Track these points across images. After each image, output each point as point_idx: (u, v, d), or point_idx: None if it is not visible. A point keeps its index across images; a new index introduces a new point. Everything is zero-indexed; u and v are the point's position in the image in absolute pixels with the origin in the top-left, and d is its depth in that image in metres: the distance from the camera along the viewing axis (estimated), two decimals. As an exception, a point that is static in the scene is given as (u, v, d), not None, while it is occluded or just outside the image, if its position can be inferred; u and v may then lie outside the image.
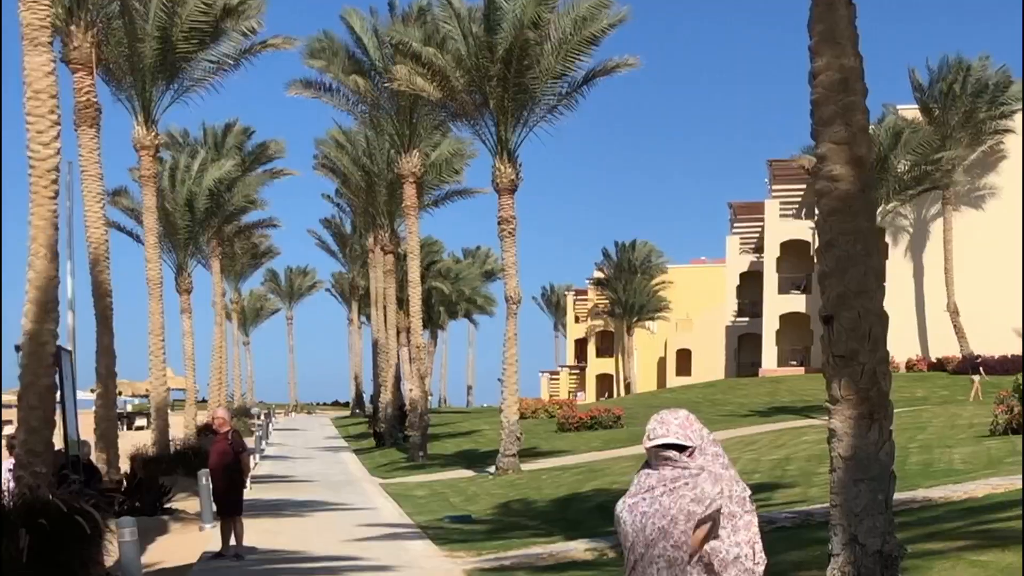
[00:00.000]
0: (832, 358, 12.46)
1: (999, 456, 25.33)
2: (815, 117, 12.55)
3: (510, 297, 37.74)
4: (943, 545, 14.68)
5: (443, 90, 37.87)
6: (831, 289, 12.55)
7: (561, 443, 44.83)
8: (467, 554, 19.43)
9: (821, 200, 12.61)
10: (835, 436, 12.23)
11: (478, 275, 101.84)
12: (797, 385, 61.80)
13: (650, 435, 5.25)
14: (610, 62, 37.85)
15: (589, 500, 26.59)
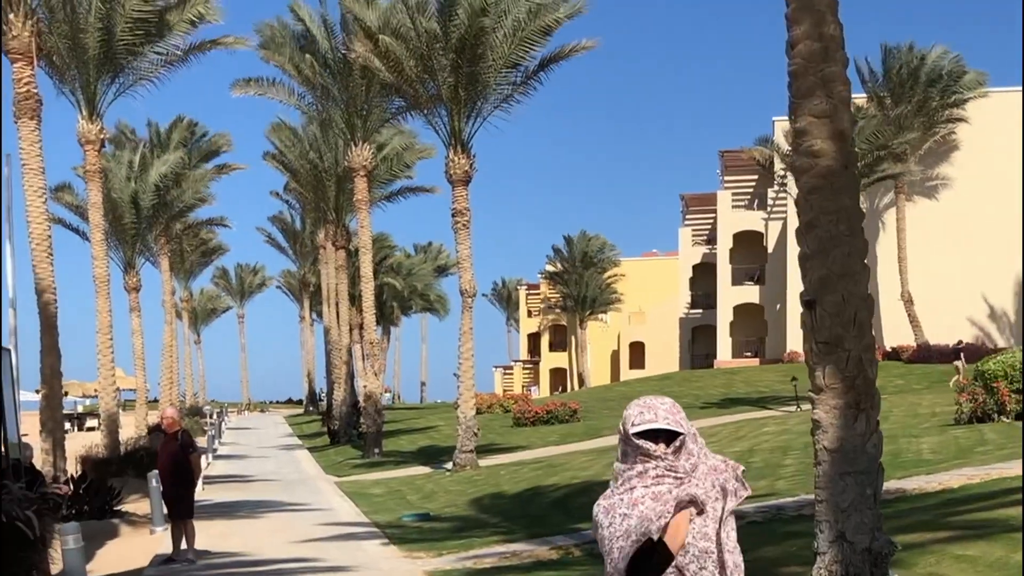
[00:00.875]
0: (815, 345, 11.87)
1: (968, 445, 24.96)
2: (793, 89, 11.96)
3: (465, 290, 37.05)
4: (924, 537, 14.15)
5: (397, 76, 37.14)
6: (813, 272, 11.97)
7: (517, 438, 44.24)
8: (427, 554, 18.76)
9: (802, 177, 12.03)
10: (819, 427, 11.66)
11: (430, 271, 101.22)
12: (752, 376, 61.57)
13: (633, 421, 4.57)
14: (565, 47, 37.19)
15: (551, 496, 25.99)
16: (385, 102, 45.22)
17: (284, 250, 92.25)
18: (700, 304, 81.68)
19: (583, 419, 48.48)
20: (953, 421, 30.16)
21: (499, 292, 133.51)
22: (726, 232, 75.06)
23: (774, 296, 71.40)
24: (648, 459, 4.54)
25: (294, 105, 48.74)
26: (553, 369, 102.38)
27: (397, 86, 38.27)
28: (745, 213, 76.13)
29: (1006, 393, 29.56)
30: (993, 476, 19.17)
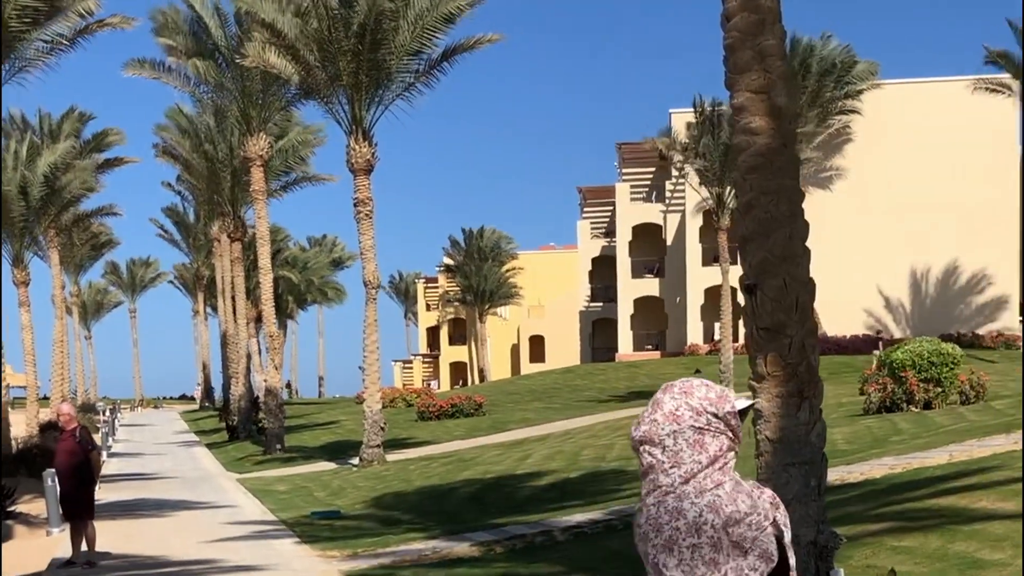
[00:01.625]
0: (756, 331, 11.43)
1: (882, 435, 24.88)
2: (729, 64, 11.51)
3: (369, 281, 36.32)
4: (856, 530, 13.81)
5: (296, 65, 36.22)
6: (753, 255, 11.52)
7: (423, 432, 43.62)
8: (341, 553, 18.11)
9: (740, 156, 11.61)
10: (761, 417, 11.22)
11: (326, 264, 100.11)
12: (655, 369, 61.51)
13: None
14: (469, 39, 36.63)
15: (465, 491, 25.44)
16: (282, 90, 44.25)
17: (177, 243, 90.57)
18: (600, 297, 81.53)
19: (488, 413, 47.99)
20: (862, 411, 30.16)
21: (397, 285, 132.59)
22: (625, 225, 74.94)
23: (674, 289, 71.51)
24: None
25: (189, 93, 47.63)
26: (453, 363, 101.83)
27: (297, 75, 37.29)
28: (644, 206, 76.08)
29: (915, 383, 29.62)
30: (915, 466, 18.98)
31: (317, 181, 58.03)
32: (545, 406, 49.76)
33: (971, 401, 29.71)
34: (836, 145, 67.00)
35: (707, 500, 3.46)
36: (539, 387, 59.48)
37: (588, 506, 20.44)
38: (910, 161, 64.56)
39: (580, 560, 14.97)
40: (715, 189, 47.57)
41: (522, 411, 48.39)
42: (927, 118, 64.63)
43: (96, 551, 17.51)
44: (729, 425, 3.56)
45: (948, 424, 25.18)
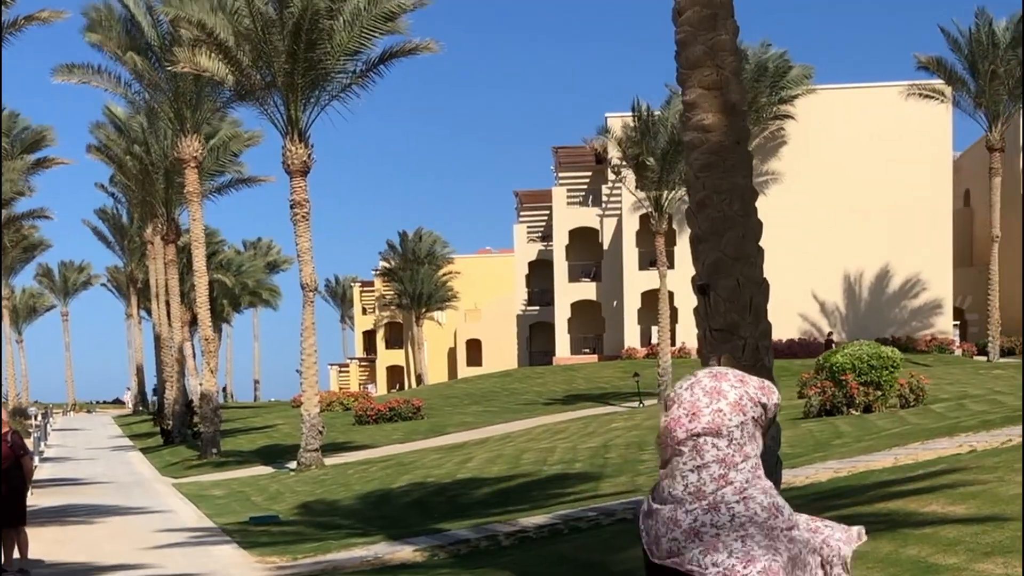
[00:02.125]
0: (710, 332, 11.31)
1: (824, 439, 24.87)
2: (681, 59, 11.38)
3: (306, 284, 35.87)
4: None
5: (229, 67, 35.67)
6: (706, 255, 11.40)
7: (361, 436, 43.21)
8: (280, 559, 17.76)
9: (692, 153, 11.48)
10: (716, 419, 11.02)
11: (261, 267, 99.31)
12: (592, 373, 61.52)
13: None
14: (408, 43, 36.26)
15: (405, 496, 25.14)
16: (217, 91, 43.66)
17: (111, 245, 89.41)
18: (537, 301, 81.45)
19: (426, 416, 47.68)
20: (803, 415, 30.18)
21: (333, 289, 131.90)
22: (562, 229, 74.85)
23: (611, 293, 71.49)
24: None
25: (120, 94, 46.84)
26: (390, 367, 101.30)
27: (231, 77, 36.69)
28: (580, 210, 76.04)
29: (855, 386, 29.71)
30: (860, 469, 18.93)
31: (253, 183, 57.43)
32: (483, 409, 49.55)
33: (910, 404, 29.85)
34: (770, 149, 67.20)
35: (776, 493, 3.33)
36: (477, 391, 59.24)
37: (533, 510, 20.21)
38: (844, 165, 64.94)
39: (527, 565, 14.73)
40: (653, 193, 47.51)
41: (460, 415, 48.14)
42: (861, 123, 65.04)
43: (28, 559, 17.02)
44: (769, 418, 3.38)
45: (889, 427, 25.24)
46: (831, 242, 64.28)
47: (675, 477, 3.30)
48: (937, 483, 15.36)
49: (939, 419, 25.57)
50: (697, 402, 3.29)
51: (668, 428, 3.33)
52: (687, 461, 3.31)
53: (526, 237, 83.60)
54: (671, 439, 3.31)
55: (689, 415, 3.29)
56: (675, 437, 3.31)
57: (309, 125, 36.20)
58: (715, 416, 3.29)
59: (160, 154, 54.60)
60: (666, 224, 48.39)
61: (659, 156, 46.63)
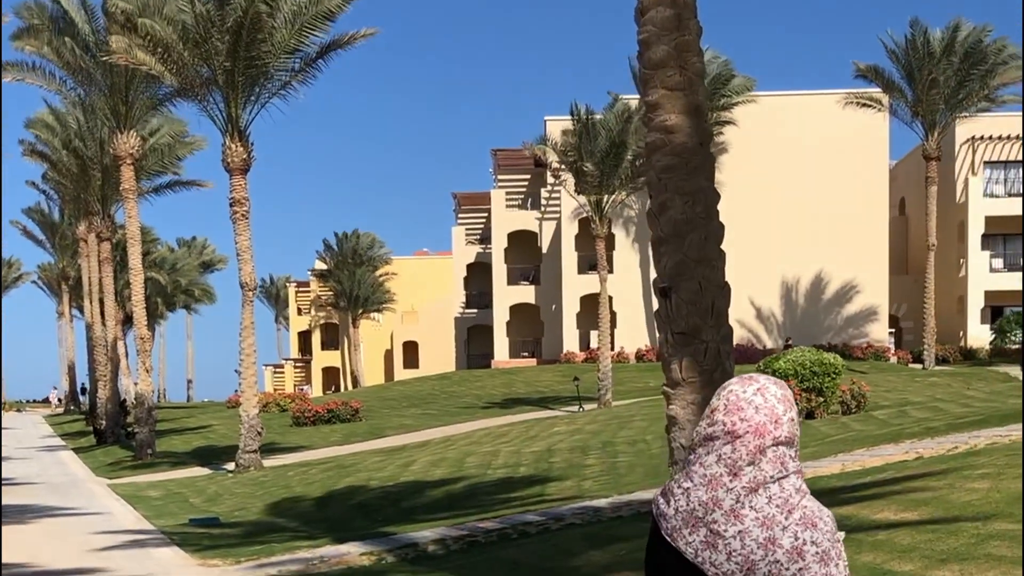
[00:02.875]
0: (671, 335, 11.18)
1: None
2: (644, 59, 11.27)
3: (245, 283, 35.46)
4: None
5: (167, 64, 35.17)
6: (668, 257, 11.28)
7: (298, 438, 42.79)
8: (224, 562, 17.45)
9: (654, 155, 11.35)
10: (676, 424, 10.98)
11: (195, 266, 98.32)
12: (531, 376, 61.39)
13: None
14: (345, 34, 35.94)
15: (348, 498, 24.83)
16: (154, 87, 43.08)
17: (42, 243, 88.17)
18: (475, 304, 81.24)
19: (365, 419, 47.29)
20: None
21: (268, 289, 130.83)
22: (500, 231, 74.65)
23: (549, 296, 71.43)
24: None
25: (55, 91, 46.07)
26: (326, 368, 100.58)
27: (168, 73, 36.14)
28: (519, 213, 75.89)
29: (798, 392, 29.77)
30: (808, 475, 18.85)
31: (191, 186, 56.84)
32: (422, 412, 49.26)
33: (852, 411, 29.99)
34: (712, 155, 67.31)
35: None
36: (415, 393, 58.92)
37: (479, 514, 20.02)
38: (782, 172, 65.26)
39: (476, 570, 14.56)
40: (593, 197, 47.43)
41: (399, 417, 47.80)
42: (800, 130, 65.41)
43: (-37, 560, 16.62)
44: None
45: (833, 434, 25.31)
46: (768, 248, 64.52)
47: (756, 491, 3.08)
48: (887, 490, 15.36)
49: (882, 426, 25.68)
50: (775, 409, 3.10)
51: (756, 432, 3.11)
52: (774, 474, 3.11)
53: (464, 239, 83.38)
54: (754, 447, 3.10)
55: (773, 422, 3.10)
56: (760, 446, 3.10)
57: (249, 123, 35.86)
58: (790, 426, 3.12)
59: (96, 150, 53.83)
60: (606, 228, 48.32)
61: (598, 160, 46.56)
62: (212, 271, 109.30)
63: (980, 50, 55.28)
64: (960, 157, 66.37)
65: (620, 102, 51.08)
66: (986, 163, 66.65)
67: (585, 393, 45.83)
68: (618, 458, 26.28)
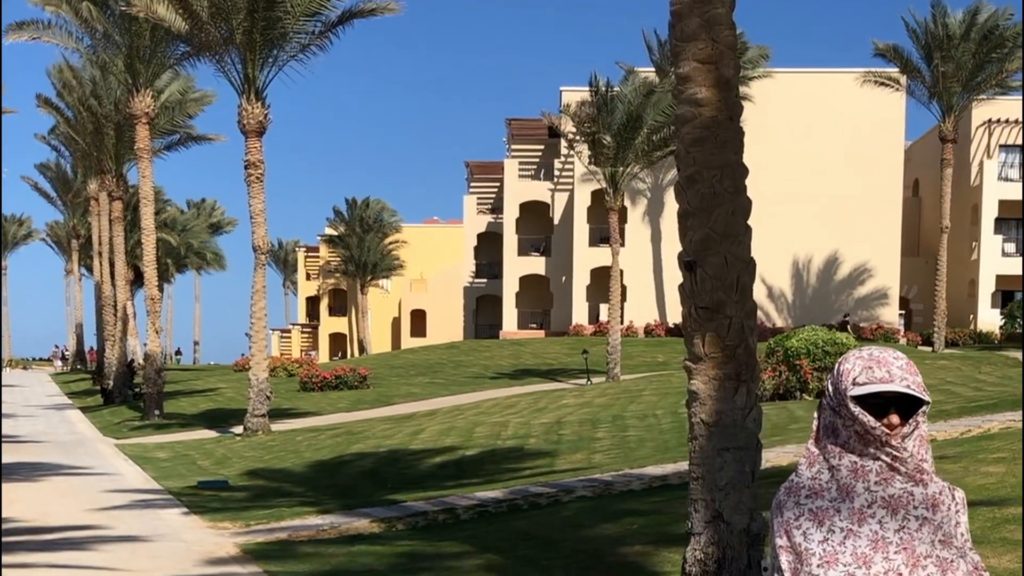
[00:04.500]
0: (695, 309, 11.06)
1: (780, 423, 24.78)
2: (675, 31, 11.11)
3: (258, 246, 35.37)
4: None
5: (186, 19, 35.00)
6: (694, 231, 11.15)
7: (306, 403, 42.72)
8: (233, 524, 17.42)
9: (683, 128, 11.21)
10: (697, 399, 10.88)
11: (205, 228, 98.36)
12: (540, 348, 61.30)
13: (855, 378, 3.11)
14: (368, 5, 35.77)
15: (357, 465, 24.77)
16: (172, 46, 42.95)
17: (53, 200, 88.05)
18: (485, 274, 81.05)
19: (373, 386, 47.22)
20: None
21: (276, 254, 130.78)
22: (512, 202, 74.41)
23: (560, 268, 71.27)
24: (868, 442, 3.11)
25: (73, 48, 45.94)
26: (333, 334, 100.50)
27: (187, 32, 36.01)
28: (531, 183, 75.63)
29: (808, 371, 29.70)
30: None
31: (203, 141, 56.74)
32: (430, 381, 49.18)
33: (863, 391, 29.85)
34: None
35: None
36: (423, 361, 58.82)
37: (488, 484, 19.96)
38: (797, 150, 64.99)
39: (487, 539, 14.49)
40: (608, 169, 47.22)
41: (407, 385, 47.72)
42: (816, 108, 65.15)
43: (-27, 516, 16.59)
44: None
45: (845, 414, 25.18)
46: (781, 227, 64.16)
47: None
48: (902, 472, 15.25)
49: (894, 407, 25.54)
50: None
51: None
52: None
53: (476, 209, 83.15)
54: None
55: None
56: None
57: (266, 85, 35.69)
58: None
59: (111, 108, 53.72)
60: (620, 201, 48.14)
61: (615, 132, 46.35)
62: (221, 233, 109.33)
63: (999, 34, 55.03)
64: (976, 140, 66.09)
65: (637, 75, 50.93)
66: (1001, 147, 66.37)
67: (594, 366, 45.72)
68: (628, 432, 26.19)
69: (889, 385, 3.05)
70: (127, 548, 14.91)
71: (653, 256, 66.90)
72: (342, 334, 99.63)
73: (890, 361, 3.10)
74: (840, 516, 3.13)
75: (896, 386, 3.04)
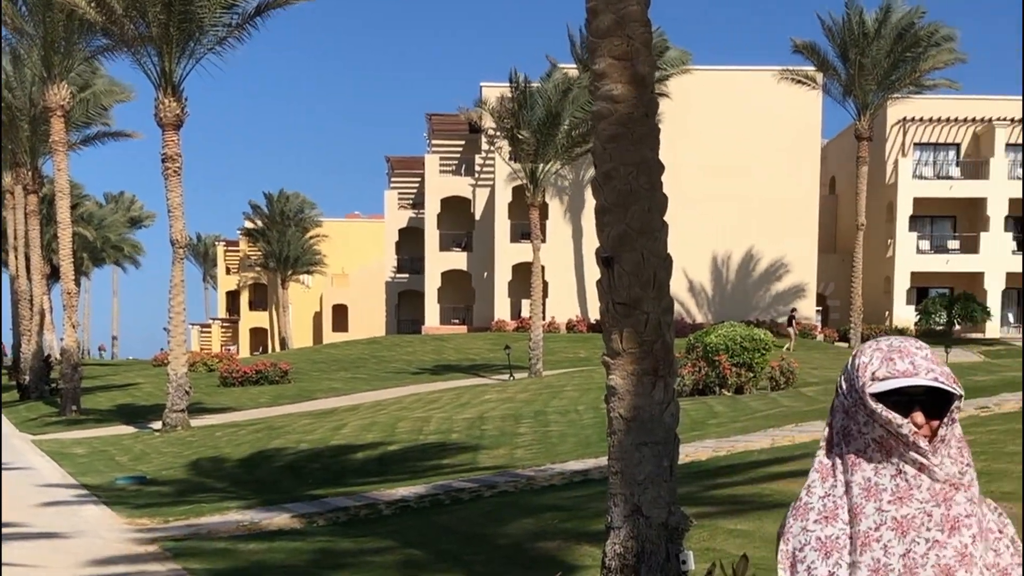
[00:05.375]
0: (612, 305, 11.17)
1: (700, 417, 25.04)
2: (591, 28, 11.22)
3: (176, 240, 35.08)
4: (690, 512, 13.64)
5: (100, 13, 34.69)
6: (611, 227, 11.25)
7: (226, 398, 42.47)
8: (152, 521, 17.31)
9: (600, 124, 11.30)
10: (615, 394, 10.99)
11: (123, 222, 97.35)
12: (462, 343, 61.31)
13: (874, 373, 2.74)
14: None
15: (277, 460, 24.69)
16: (88, 39, 42.48)
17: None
18: (406, 269, 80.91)
19: (294, 381, 47.02)
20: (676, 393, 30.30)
21: (196, 248, 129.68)
22: (433, 197, 74.31)
23: (481, 264, 71.32)
24: (892, 444, 2.73)
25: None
26: (253, 329, 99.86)
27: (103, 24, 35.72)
28: (453, 179, 75.55)
29: (727, 367, 30.02)
30: (739, 449, 19.10)
31: (120, 136, 56.18)
32: (352, 376, 49.02)
33: (781, 387, 30.29)
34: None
35: None
36: (344, 356, 58.58)
37: (410, 479, 20.01)
38: (718, 148, 65.41)
39: (409, 534, 14.54)
40: (528, 165, 47.35)
41: (328, 380, 47.56)
42: (735, 106, 65.58)
43: None
44: None
45: (763, 409, 25.53)
46: (701, 224, 64.70)
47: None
48: (817, 466, 15.50)
49: (811, 402, 25.94)
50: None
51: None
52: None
53: (397, 204, 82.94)
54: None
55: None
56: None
57: (183, 78, 35.50)
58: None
59: (26, 101, 52.98)
60: (540, 197, 48.29)
61: (535, 129, 46.47)
62: (140, 227, 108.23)
63: (913, 33, 55.78)
64: (891, 138, 67.03)
65: (558, 71, 51.01)
66: (916, 145, 67.36)
67: (516, 362, 45.85)
68: (550, 427, 26.35)
69: (914, 379, 2.70)
70: (46, 544, 14.79)
71: (575, 252, 67.15)
72: (263, 329, 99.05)
73: (913, 351, 2.77)
74: (850, 546, 2.76)
75: (923, 379, 2.70)
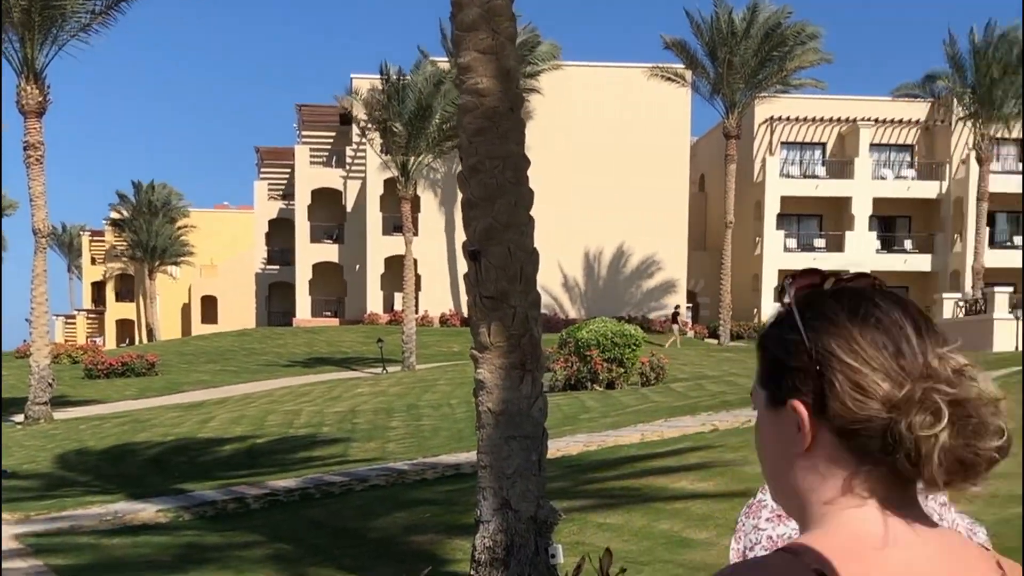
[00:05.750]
0: (480, 299, 11.26)
1: (571, 412, 25.26)
2: (456, 21, 11.30)
3: (39, 230, 34.47)
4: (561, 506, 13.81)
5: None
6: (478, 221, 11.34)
7: (91, 391, 41.71)
8: (12, 516, 16.96)
9: (466, 117, 11.38)
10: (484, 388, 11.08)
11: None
12: (334, 336, 61.01)
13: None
14: (151, -20, 35.17)
15: (143, 453, 24.37)
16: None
17: None
18: (277, 260, 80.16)
19: (161, 373, 46.35)
20: (548, 388, 30.46)
21: (60, 237, 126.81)
22: (304, 188, 73.69)
23: (353, 256, 70.93)
24: None
25: None
26: (120, 320, 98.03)
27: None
28: (324, 170, 75.01)
29: (599, 362, 30.28)
30: (610, 444, 19.32)
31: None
32: (221, 368, 48.51)
33: (651, 382, 30.65)
34: (518, 123, 67.40)
35: None
36: (214, 349, 57.89)
37: (280, 473, 19.89)
38: (587, 143, 65.77)
39: (278, 528, 14.48)
40: (400, 158, 47.26)
41: (197, 372, 47.01)
42: (604, 102, 65.98)
43: None
44: None
45: (634, 404, 25.83)
46: (572, 219, 65.05)
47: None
48: (685, 461, 15.79)
49: (680, 398, 26.33)
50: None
51: None
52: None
53: (267, 195, 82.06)
54: None
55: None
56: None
57: (46, 65, 34.86)
58: None
59: None
60: (412, 190, 48.21)
61: (406, 121, 46.38)
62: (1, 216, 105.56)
63: (780, 32, 56.57)
64: (759, 137, 68.03)
65: (429, 64, 50.86)
66: (783, 144, 68.47)
67: (389, 355, 45.70)
68: (422, 421, 26.39)
69: None
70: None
71: (448, 245, 67.10)
72: (130, 320, 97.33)
73: None
74: None
75: None
